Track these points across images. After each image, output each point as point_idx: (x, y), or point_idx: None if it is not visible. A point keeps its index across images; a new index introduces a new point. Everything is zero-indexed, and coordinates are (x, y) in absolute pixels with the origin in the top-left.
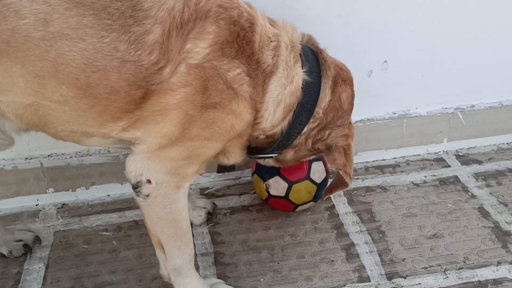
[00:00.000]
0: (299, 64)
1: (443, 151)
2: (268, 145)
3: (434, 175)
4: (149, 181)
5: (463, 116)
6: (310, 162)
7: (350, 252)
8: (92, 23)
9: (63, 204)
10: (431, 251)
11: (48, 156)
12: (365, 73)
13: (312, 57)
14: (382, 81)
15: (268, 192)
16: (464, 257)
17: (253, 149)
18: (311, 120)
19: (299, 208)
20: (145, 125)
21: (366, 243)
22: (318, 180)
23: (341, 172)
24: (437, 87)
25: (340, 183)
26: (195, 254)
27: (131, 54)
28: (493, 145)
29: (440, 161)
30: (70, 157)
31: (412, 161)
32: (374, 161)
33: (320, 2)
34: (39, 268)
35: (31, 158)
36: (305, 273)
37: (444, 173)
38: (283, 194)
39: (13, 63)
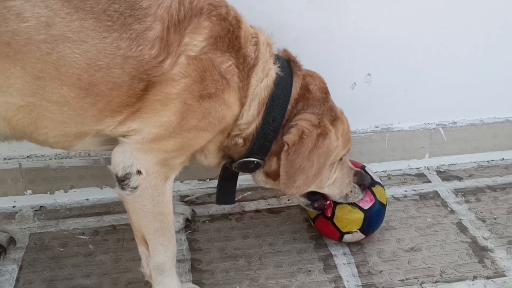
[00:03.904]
0: (273, 60)
1: (425, 166)
2: (246, 151)
3: (414, 190)
4: (139, 172)
5: (445, 132)
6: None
7: (328, 263)
8: (94, 26)
9: (41, 206)
10: (408, 264)
11: (28, 157)
12: (348, 85)
13: (284, 60)
14: (366, 94)
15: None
16: (441, 271)
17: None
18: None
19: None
20: (144, 115)
21: (344, 254)
22: (365, 206)
23: (283, 152)
24: (420, 102)
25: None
26: None
27: (132, 50)
28: (474, 162)
29: (421, 176)
30: (50, 159)
31: (393, 176)
32: None
33: (305, 14)
34: (12, 269)
35: (10, 159)
36: (282, 282)
37: (424, 188)
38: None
39: (11, 65)
